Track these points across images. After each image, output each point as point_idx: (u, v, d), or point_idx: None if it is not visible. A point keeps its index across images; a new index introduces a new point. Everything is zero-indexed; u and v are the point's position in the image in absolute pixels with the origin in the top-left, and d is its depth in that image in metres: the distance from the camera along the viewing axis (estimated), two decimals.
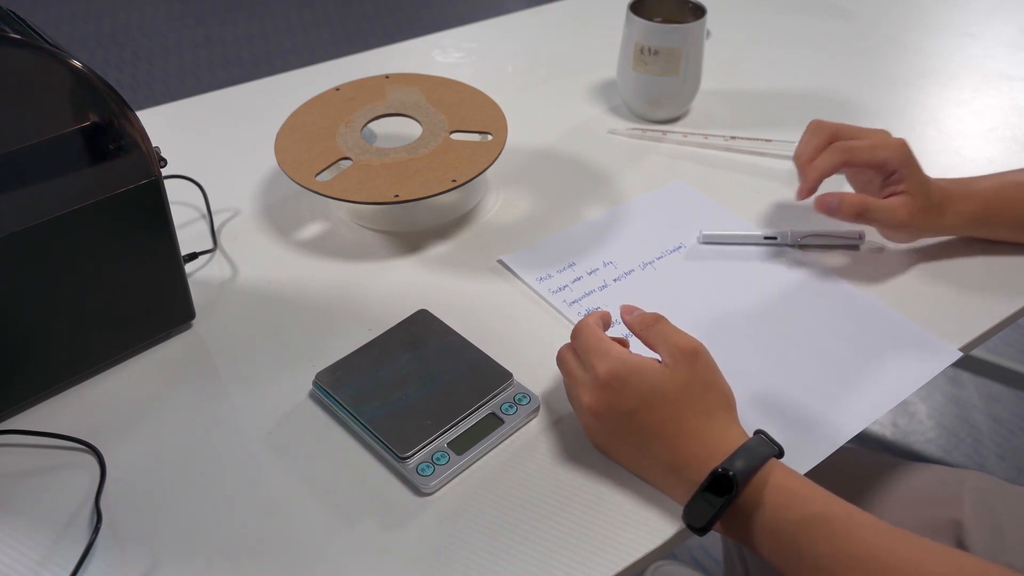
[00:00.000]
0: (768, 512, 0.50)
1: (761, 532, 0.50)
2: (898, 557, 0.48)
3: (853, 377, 0.63)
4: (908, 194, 0.69)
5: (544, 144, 0.89)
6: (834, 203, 0.69)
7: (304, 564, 0.52)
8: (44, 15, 2.84)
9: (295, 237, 0.76)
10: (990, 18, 1.14)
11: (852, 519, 0.49)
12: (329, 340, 0.66)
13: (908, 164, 0.69)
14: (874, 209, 0.69)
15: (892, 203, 0.69)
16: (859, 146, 0.70)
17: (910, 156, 0.69)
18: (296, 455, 0.58)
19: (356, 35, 2.78)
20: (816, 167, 0.71)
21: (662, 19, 0.90)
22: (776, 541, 0.50)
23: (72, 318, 0.60)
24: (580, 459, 0.58)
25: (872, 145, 0.70)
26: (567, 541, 0.53)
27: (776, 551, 0.50)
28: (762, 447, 0.52)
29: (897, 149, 0.69)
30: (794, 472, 0.52)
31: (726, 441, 0.52)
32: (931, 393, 1.60)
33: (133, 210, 0.59)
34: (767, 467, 0.51)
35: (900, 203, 0.69)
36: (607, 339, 0.57)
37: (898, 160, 0.69)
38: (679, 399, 0.54)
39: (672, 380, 0.54)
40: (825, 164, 0.70)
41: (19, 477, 0.56)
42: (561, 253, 0.74)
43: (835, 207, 0.70)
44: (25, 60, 0.52)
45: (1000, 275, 0.72)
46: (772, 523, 0.50)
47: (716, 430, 0.53)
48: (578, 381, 0.56)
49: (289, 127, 0.79)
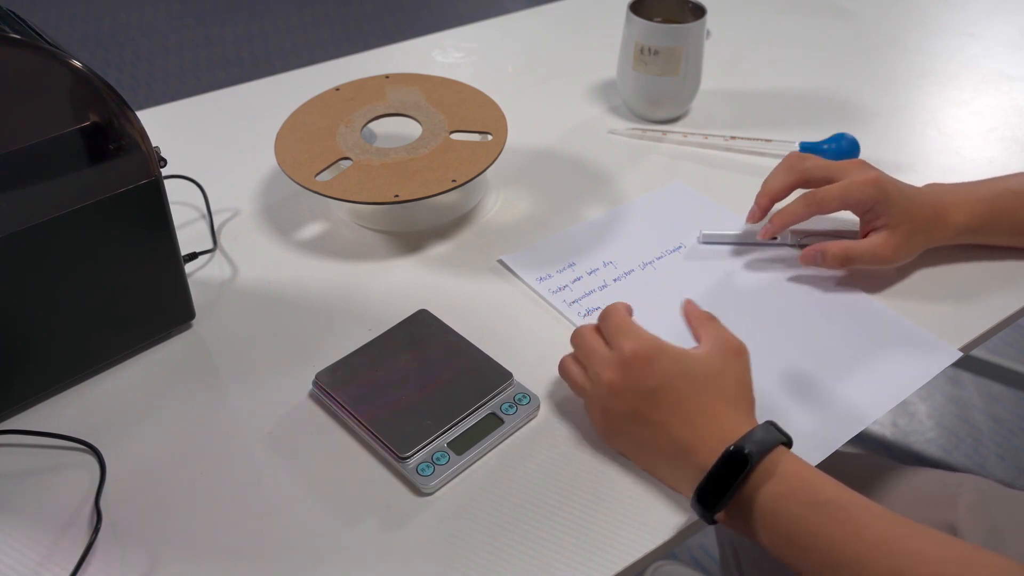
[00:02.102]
0: (778, 497, 0.50)
1: (770, 517, 0.50)
2: (914, 544, 0.48)
3: (853, 377, 0.63)
4: (888, 228, 0.68)
5: (544, 144, 0.89)
6: (817, 257, 0.70)
7: (304, 564, 0.52)
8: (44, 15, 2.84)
9: (295, 237, 0.76)
10: (990, 18, 1.14)
11: (868, 507, 0.49)
12: (329, 340, 0.66)
13: (883, 200, 0.68)
14: (857, 255, 0.69)
15: (873, 243, 0.69)
16: (829, 196, 0.69)
17: (883, 190, 0.68)
18: (296, 455, 0.58)
19: (356, 35, 2.79)
20: (784, 214, 0.71)
21: (662, 19, 0.90)
22: (785, 526, 0.50)
23: (72, 318, 0.60)
24: (580, 459, 0.58)
25: (842, 190, 0.68)
26: (567, 541, 0.53)
27: (785, 537, 0.50)
28: (772, 433, 0.52)
29: (868, 188, 0.68)
30: (803, 460, 0.52)
31: (740, 430, 0.52)
32: (931, 393, 1.60)
33: (133, 210, 0.59)
34: (776, 452, 0.51)
35: (881, 241, 0.68)
36: (636, 324, 0.57)
37: (872, 197, 0.68)
38: (706, 383, 0.54)
39: (704, 364, 0.55)
40: (796, 214, 0.70)
41: (19, 477, 0.56)
42: (561, 253, 0.74)
43: (819, 260, 0.70)
44: (25, 60, 0.52)
45: (1000, 275, 0.72)
46: (782, 508, 0.50)
47: (733, 419, 0.54)
48: (600, 358, 0.56)
49: (289, 127, 0.79)
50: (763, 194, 0.72)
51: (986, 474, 1.45)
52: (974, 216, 0.70)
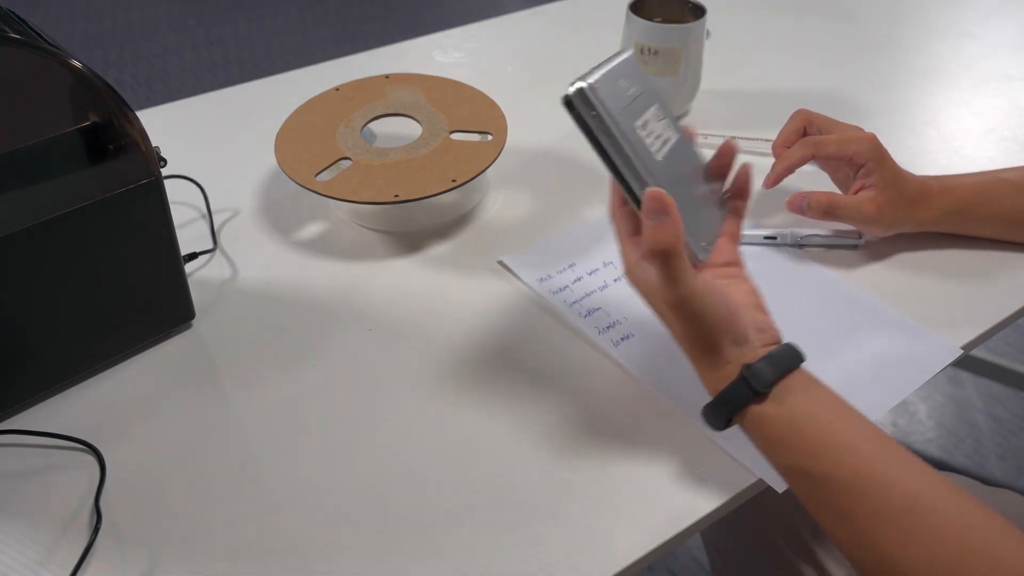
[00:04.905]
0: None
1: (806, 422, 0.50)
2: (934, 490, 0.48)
3: (853, 376, 0.63)
4: (877, 188, 0.69)
5: (544, 144, 0.89)
6: (803, 203, 0.72)
7: (304, 564, 0.52)
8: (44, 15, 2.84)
9: (295, 237, 0.76)
10: (990, 18, 1.14)
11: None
12: (329, 340, 0.66)
13: (877, 158, 0.69)
14: (841, 206, 0.70)
15: (859, 199, 0.70)
16: (827, 140, 0.71)
17: (879, 150, 0.70)
18: (296, 455, 0.58)
19: (356, 35, 2.79)
20: (784, 158, 0.72)
21: (662, 19, 0.90)
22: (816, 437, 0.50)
23: (72, 318, 0.60)
24: (580, 460, 0.58)
25: (841, 139, 0.70)
26: (567, 541, 0.53)
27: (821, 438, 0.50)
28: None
29: (866, 143, 0.70)
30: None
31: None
32: (931, 393, 1.60)
33: (133, 210, 0.59)
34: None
35: (868, 198, 0.70)
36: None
37: (867, 154, 0.69)
38: None
39: None
40: (793, 156, 0.72)
41: (19, 477, 0.56)
42: (561, 253, 0.74)
43: (804, 207, 0.71)
44: (25, 60, 0.52)
45: (1000, 274, 0.72)
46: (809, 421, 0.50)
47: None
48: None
49: (289, 127, 0.79)
50: (776, 146, 0.74)
51: (986, 474, 1.45)
52: (961, 199, 0.72)
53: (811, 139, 0.71)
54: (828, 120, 0.73)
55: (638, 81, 0.57)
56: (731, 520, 0.80)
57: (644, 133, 0.55)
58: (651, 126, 0.56)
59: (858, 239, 0.74)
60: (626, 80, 0.56)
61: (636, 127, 0.55)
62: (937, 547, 0.46)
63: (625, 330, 0.66)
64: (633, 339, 0.66)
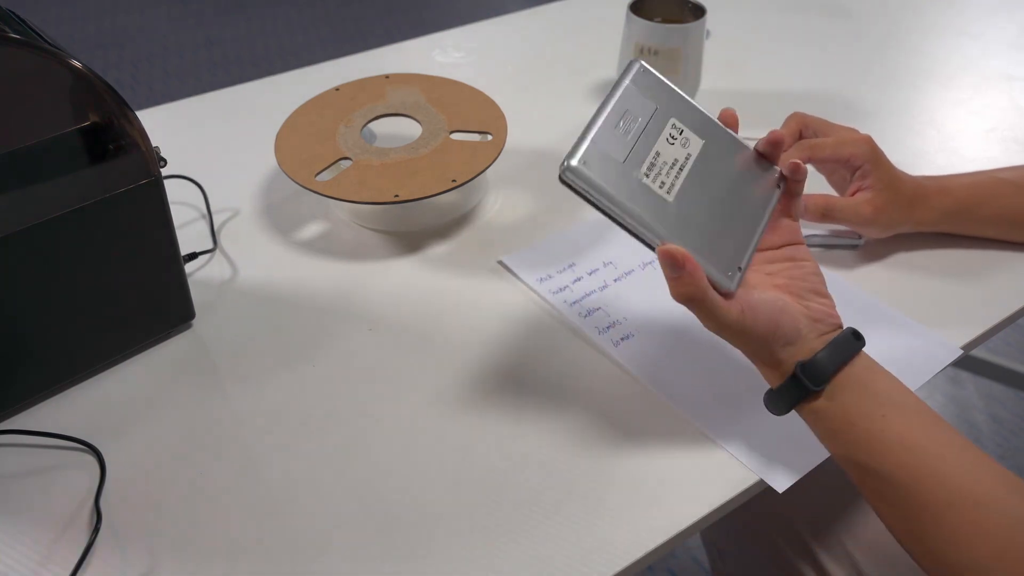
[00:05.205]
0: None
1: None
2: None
3: None
4: (873, 190, 0.69)
5: (544, 144, 0.89)
6: (800, 206, 0.70)
7: (304, 564, 0.52)
8: (44, 15, 2.84)
9: (295, 237, 0.76)
10: (990, 18, 1.14)
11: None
12: (329, 340, 0.66)
13: (873, 160, 0.69)
14: (838, 208, 0.70)
15: (856, 201, 0.70)
16: (823, 143, 0.70)
17: (875, 152, 0.70)
18: (295, 455, 0.58)
19: (356, 35, 2.79)
20: (779, 161, 0.71)
21: (662, 19, 0.90)
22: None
23: (72, 318, 0.60)
24: (579, 460, 0.58)
25: (837, 141, 0.70)
26: (567, 541, 0.53)
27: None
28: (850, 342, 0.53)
29: (862, 145, 0.69)
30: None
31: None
32: (931, 393, 1.60)
33: (133, 210, 0.59)
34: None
35: (865, 200, 0.69)
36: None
37: (863, 156, 0.69)
38: None
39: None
40: (789, 158, 0.71)
41: (19, 477, 0.56)
42: (561, 254, 0.74)
43: (800, 210, 0.70)
44: (25, 60, 0.52)
45: (1001, 274, 0.72)
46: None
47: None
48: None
49: (289, 127, 0.79)
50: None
51: None
52: (959, 199, 0.72)
53: (807, 142, 0.71)
54: (823, 122, 0.73)
55: (651, 96, 0.54)
56: (731, 520, 0.80)
57: (651, 178, 0.52)
58: (663, 158, 0.53)
59: (857, 239, 0.74)
60: (632, 111, 0.53)
61: (641, 177, 0.52)
62: (981, 544, 0.47)
63: (625, 330, 0.66)
64: (633, 339, 0.66)
